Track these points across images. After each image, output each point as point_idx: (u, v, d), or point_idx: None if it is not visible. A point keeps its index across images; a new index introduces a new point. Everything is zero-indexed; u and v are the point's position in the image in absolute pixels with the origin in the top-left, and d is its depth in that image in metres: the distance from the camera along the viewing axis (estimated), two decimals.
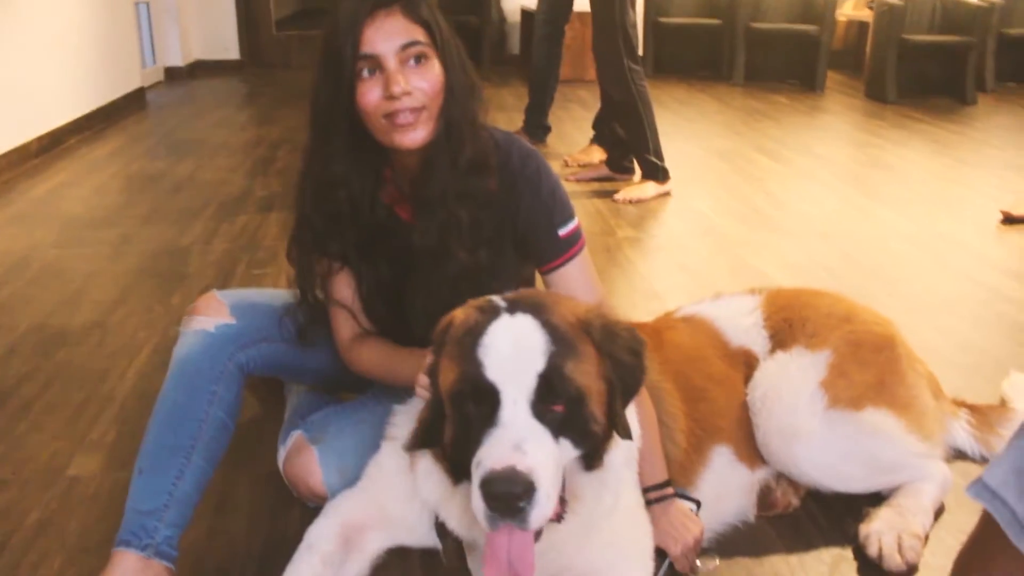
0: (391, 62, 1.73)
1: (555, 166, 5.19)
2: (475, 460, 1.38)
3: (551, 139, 5.83)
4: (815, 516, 2.04)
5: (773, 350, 2.09)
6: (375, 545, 1.79)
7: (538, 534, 1.43)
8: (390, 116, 1.74)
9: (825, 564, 1.91)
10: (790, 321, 2.12)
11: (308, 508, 1.98)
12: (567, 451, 1.45)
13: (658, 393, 1.89)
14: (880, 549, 1.87)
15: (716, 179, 5.18)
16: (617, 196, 4.66)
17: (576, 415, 1.44)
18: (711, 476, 1.97)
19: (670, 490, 1.83)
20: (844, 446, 1.96)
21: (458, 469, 1.50)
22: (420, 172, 1.84)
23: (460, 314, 1.52)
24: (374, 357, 1.91)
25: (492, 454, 1.35)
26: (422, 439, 1.56)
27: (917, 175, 5.36)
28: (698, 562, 1.85)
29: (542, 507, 1.35)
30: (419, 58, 1.75)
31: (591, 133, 5.35)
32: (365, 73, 1.74)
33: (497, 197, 1.87)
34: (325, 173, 1.85)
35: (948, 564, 1.21)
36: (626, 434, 1.51)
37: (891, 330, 2.14)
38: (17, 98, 5.26)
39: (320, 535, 1.75)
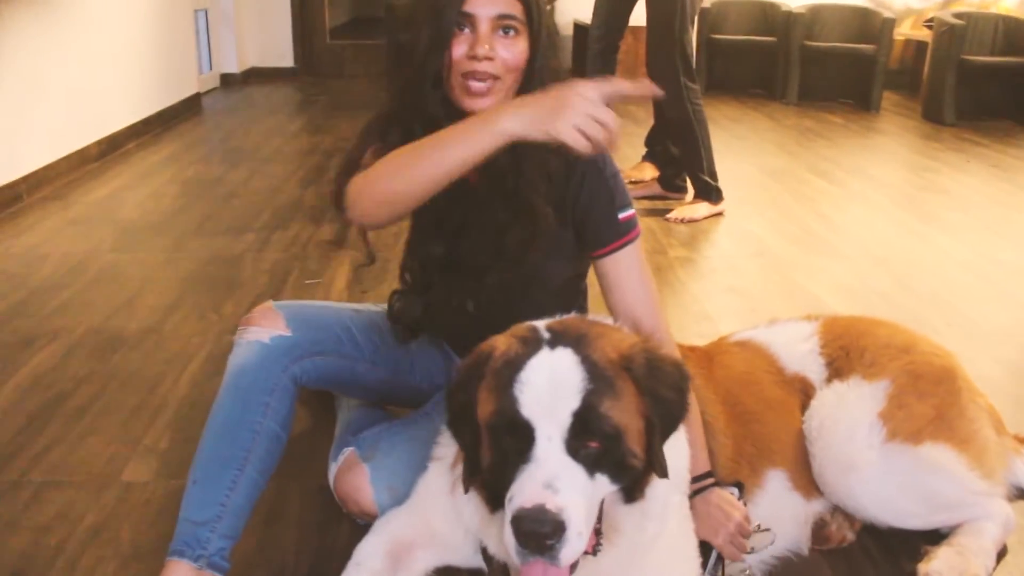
0: (484, 26, 1.78)
1: None
2: (508, 495, 1.38)
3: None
4: (870, 551, 2.00)
5: (830, 379, 2.06)
6: (422, 564, 1.79)
7: (574, 567, 1.42)
8: (467, 75, 1.78)
9: None
10: (847, 349, 2.08)
11: (357, 524, 1.99)
12: (603, 486, 1.44)
13: (705, 418, 1.87)
14: None
15: (768, 199, 5.13)
16: (670, 215, 4.63)
17: (613, 452, 1.43)
18: (765, 500, 1.95)
19: (710, 480, 1.81)
20: (902, 480, 1.92)
21: (495, 496, 1.49)
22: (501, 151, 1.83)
23: (501, 343, 1.51)
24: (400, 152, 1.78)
25: (523, 491, 1.35)
26: (470, 471, 1.55)
27: (975, 200, 5.27)
28: (749, 543, 1.81)
29: (572, 545, 1.34)
30: (509, 30, 1.79)
31: (643, 150, 5.32)
32: (459, 30, 1.79)
33: (560, 176, 1.88)
34: (406, 112, 1.86)
35: None
36: (663, 473, 1.50)
37: (952, 362, 2.10)
38: (79, 102, 5.37)
39: (369, 552, 1.76)
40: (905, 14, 9.14)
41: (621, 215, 1.91)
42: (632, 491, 1.49)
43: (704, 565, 1.77)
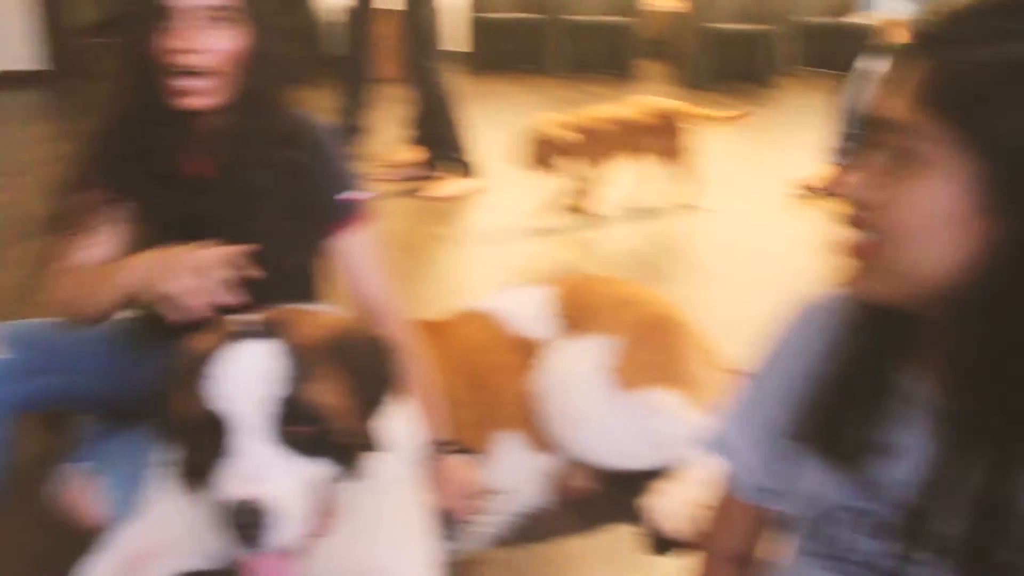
0: (190, 17, 1.66)
1: (368, 167, 5.16)
2: (211, 493, 1.36)
3: (365, 140, 5.77)
4: (610, 497, 2.10)
5: (560, 337, 2.14)
6: (161, 573, 1.73)
7: (304, 553, 1.42)
8: (176, 74, 1.67)
9: (616, 541, 1.98)
10: (575, 308, 2.18)
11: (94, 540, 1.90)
12: (325, 468, 1.44)
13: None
14: (662, 520, 1.94)
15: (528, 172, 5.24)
16: (426, 193, 4.69)
17: (326, 433, 1.43)
18: (503, 461, 2.00)
19: (446, 447, 1.82)
20: (630, 426, 2.04)
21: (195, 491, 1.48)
22: (221, 139, 1.78)
23: (195, 342, 1.48)
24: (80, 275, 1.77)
25: (221, 486, 1.34)
26: (184, 473, 1.51)
27: (723, 156, 5.58)
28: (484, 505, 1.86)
29: (283, 530, 1.34)
30: (225, 19, 1.68)
31: (407, 132, 5.33)
32: (163, 22, 1.66)
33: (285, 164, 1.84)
34: (119, 125, 1.79)
35: None
36: (375, 447, 1.51)
37: (672, 311, 2.23)
38: None
39: (100, 572, 1.68)
40: None
41: (347, 195, 1.88)
42: (351, 469, 1.49)
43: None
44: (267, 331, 1.46)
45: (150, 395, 1.54)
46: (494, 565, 1.92)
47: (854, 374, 1.05)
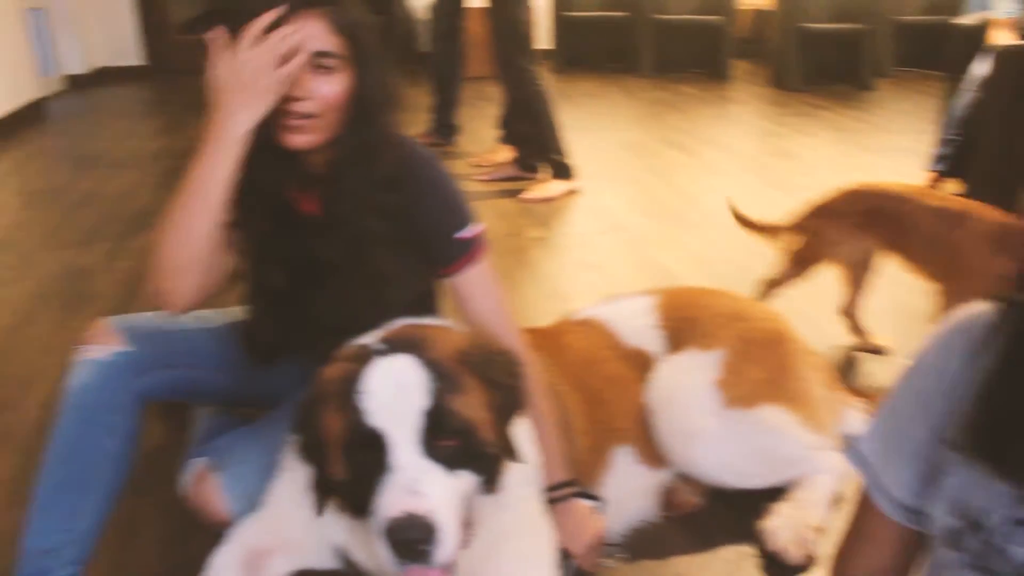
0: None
1: (463, 167, 5.21)
2: (374, 508, 1.39)
3: (462, 138, 5.84)
4: (717, 513, 2.10)
5: (668, 350, 2.14)
6: (279, 570, 1.79)
7: (452, 566, 1.44)
8: (282, 113, 1.72)
9: (728, 562, 1.96)
10: (683, 321, 2.17)
11: (216, 534, 1.97)
12: (468, 481, 1.47)
13: (558, 398, 1.93)
14: (780, 543, 1.93)
15: (623, 174, 5.25)
16: (523, 196, 4.70)
17: (469, 446, 1.46)
18: (613, 478, 2.02)
19: (570, 490, 1.86)
20: (740, 443, 2.03)
21: (356, 507, 1.50)
22: (329, 184, 1.83)
23: (331, 369, 1.52)
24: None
25: (389, 500, 1.36)
26: (322, 493, 1.56)
27: (819, 163, 5.51)
28: (603, 559, 1.88)
29: (446, 545, 1.37)
30: (328, 67, 1.72)
31: (499, 132, 5.37)
32: None
33: (398, 203, 1.86)
34: None
35: None
36: (518, 458, 1.55)
37: (782, 325, 2.21)
38: None
39: (223, 564, 1.75)
40: None
41: (459, 234, 1.88)
42: (492, 482, 1.52)
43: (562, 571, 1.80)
44: (403, 347, 1.50)
45: (296, 422, 1.59)
46: None
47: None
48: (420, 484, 1.37)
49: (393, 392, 1.43)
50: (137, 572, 1.96)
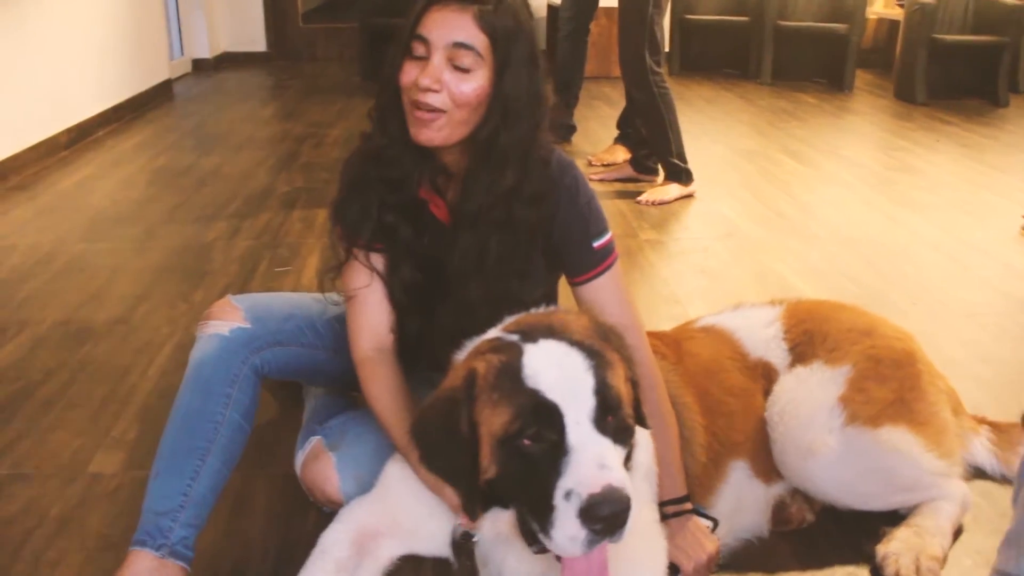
0: (437, 54, 1.71)
1: (580, 165, 5.17)
2: (560, 491, 1.35)
3: (576, 137, 5.82)
4: (830, 533, 2.03)
5: (793, 364, 2.08)
6: (388, 552, 1.80)
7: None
8: (414, 104, 1.73)
9: None
10: (810, 334, 2.10)
11: (324, 512, 2.00)
12: (622, 455, 1.46)
13: (679, 407, 1.89)
14: (897, 571, 1.85)
15: (740, 181, 5.15)
16: (640, 198, 4.64)
17: (621, 421, 1.45)
18: (728, 490, 1.98)
19: (688, 505, 1.83)
20: (861, 463, 1.95)
21: (502, 502, 1.49)
22: (463, 183, 1.83)
23: (480, 363, 1.49)
24: (381, 395, 1.86)
25: (583, 479, 1.34)
26: (472, 498, 1.51)
27: (945, 180, 5.31)
28: None
29: (631, 518, 1.35)
30: (467, 63, 1.71)
31: (616, 132, 5.33)
32: (414, 53, 1.73)
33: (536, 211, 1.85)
34: (375, 144, 1.85)
35: None
36: (645, 425, 1.58)
37: (911, 345, 2.12)
38: (47, 90, 5.32)
39: (334, 540, 1.76)
40: None
41: (596, 243, 1.89)
42: (629, 457, 1.51)
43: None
44: (544, 334, 1.49)
45: (412, 432, 1.58)
46: None
47: None
48: (605, 459, 1.36)
49: (561, 374, 1.42)
50: (245, 542, 2.00)
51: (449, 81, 1.71)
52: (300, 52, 9.30)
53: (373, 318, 1.91)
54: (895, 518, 1.99)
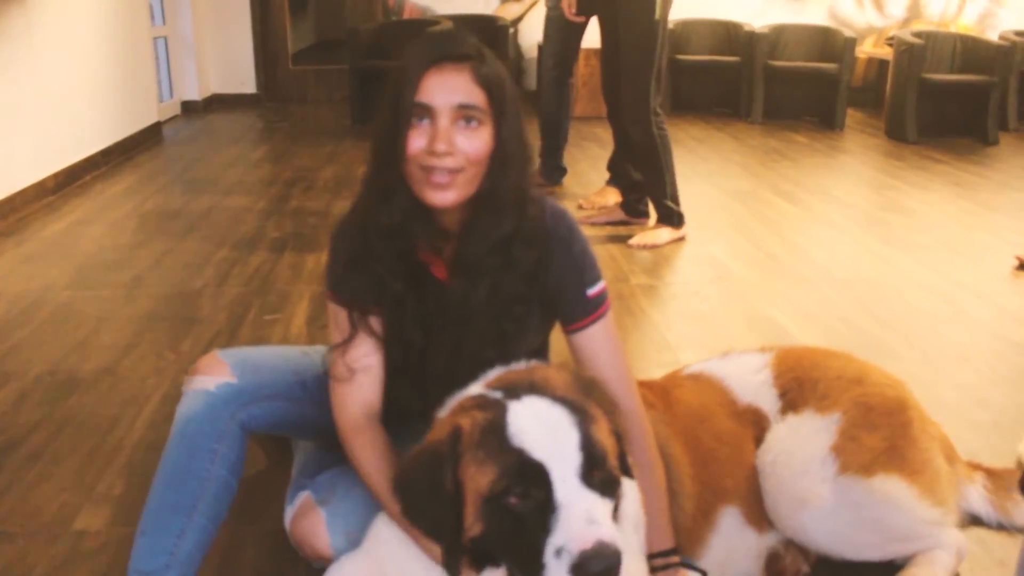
0: (443, 118, 1.70)
1: (570, 208, 5.19)
2: (551, 548, 1.33)
3: (566, 179, 5.84)
4: None
5: (783, 411, 2.06)
6: None
7: None
8: (427, 170, 1.72)
9: None
10: (800, 381, 2.09)
11: (313, 568, 1.96)
12: (610, 508, 1.44)
13: (666, 459, 1.87)
14: None
15: (732, 222, 5.15)
16: (631, 242, 4.64)
17: (607, 474, 1.44)
18: (718, 540, 1.95)
19: (676, 558, 1.80)
20: (855, 513, 1.92)
21: (480, 562, 1.47)
22: (461, 236, 1.82)
23: (465, 419, 1.49)
24: (381, 465, 1.81)
25: (573, 536, 1.33)
26: (453, 555, 1.49)
27: (937, 219, 5.32)
28: None
29: (624, 572, 1.34)
30: (472, 120, 1.72)
31: (606, 174, 5.34)
32: (416, 120, 1.72)
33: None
34: (370, 212, 1.82)
35: None
36: (630, 474, 1.56)
37: (903, 392, 2.11)
38: (35, 134, 5.32)
39: None
40: (867, 32, 9.29)
41: (590, 291, 1.88)
42: (617, 508, 1.49)
43: None
44: (525, 391, 1.49)
45: (394, 486, 1.57)
46: None
47: None
48: (594, 514, 1.35)
49: (547, 430, 1.42)
50: None
51: (460, 142, 1.71)
52: (290, 94, 9.33)
53: (367, 387, 1.88)
54: (891, 569, 1.96)
